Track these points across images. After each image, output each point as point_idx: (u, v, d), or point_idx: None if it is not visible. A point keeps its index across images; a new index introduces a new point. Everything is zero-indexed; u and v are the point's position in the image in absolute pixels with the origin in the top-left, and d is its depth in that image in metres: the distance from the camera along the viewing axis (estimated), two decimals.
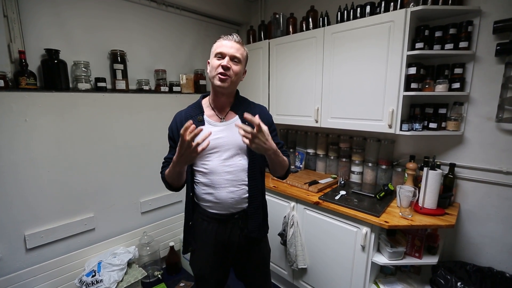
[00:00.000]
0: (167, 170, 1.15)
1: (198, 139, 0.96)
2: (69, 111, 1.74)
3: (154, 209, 2.28)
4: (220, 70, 1.10)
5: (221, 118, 1.20)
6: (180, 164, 1.06)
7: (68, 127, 1.75)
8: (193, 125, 0.94)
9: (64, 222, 1.79)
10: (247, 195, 1.22)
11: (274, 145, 1.07)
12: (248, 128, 0.96)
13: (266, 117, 1.26)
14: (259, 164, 1.24)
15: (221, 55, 1.11)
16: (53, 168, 1.71)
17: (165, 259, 2.31)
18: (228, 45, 1.12)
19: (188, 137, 0.93)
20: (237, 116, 1.21)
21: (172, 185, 1.21)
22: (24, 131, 1.58)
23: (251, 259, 1.31)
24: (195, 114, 1.20)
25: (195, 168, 1.22)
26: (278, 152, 1.12)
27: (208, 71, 1.18)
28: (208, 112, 1.22)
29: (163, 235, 2.31)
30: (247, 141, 0.98)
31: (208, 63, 1.18)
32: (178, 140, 1.13)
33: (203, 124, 1.18)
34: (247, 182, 1.21)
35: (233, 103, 1.24)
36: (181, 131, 0.93)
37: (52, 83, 1.65)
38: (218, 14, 2.53)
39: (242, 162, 1.19)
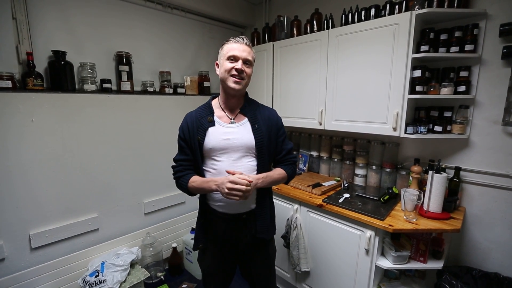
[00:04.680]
0: (193, 182, 1.18)
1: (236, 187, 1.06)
2: (75, 112, 1.76)
3: (158, 210, 2.29)
4: (234, 72, 1.14)
5: (231, 119, 1.22)
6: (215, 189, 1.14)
7: (74, 128, 1.77)
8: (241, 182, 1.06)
9: (68, 222, 1.80)
10: (255, 195, 1.24)
11: (256, 180, 1.15)
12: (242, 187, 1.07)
13: (275, 120, 1.29)
14: (267, 165, 1.26)
15: (234, 58, 1.14)
16: (58, 168, 1.73)
17: (168, 260, 2.31)
18: (240, 48, 1.15)
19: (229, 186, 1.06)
20: (246, 119, 1.24)
21: (193, 194, 1.25)
22: (31, 131, 1.60)
23: (257, 258, 1.33)
24: (205, 115, 1.22)
25: (204, 168, 1.23)
26: (265, 179, 1.19)
27: (218, 72, 1.21)
28: (218, 113, 1.24)
29: (166, 236, 2.31)
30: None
31: (217, 64, 1.22)
32: (189, 140, 1.20)
33: (213, 124, 1.20)
34: None
35: (243, 104, 1.26)
36: (229, 186, 1.06)
37: (58, 84, 1.68)
38: (223, 17, 2.55)
39: (251, 163, 1.21)
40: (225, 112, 1.24)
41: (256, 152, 1.21)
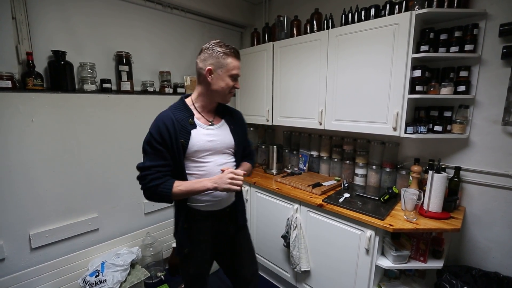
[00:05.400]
0: (178, 186, 1.14)
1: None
2: (75, 112, 1.76)
3: (158, 210, 2.29)
4: (233, 90, 1.23)
5: (210, 121, 1.26)
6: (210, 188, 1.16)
7: (74, 128, 1.77)
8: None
9: (68, 222, 1.80)
10: None
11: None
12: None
13: (243, 120, 1.43)
14: (240, 161, 1.38)
15: (236, 77, 1.21)
16: (58, 168, 1.73)
17: (168, 260, 2.31)
18: (239, 66, 1.22)
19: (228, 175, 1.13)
20: (223, 120, 1.31)
21: (171, 201, 1.20)
22: (31, 131, 1.60)
23: (243, 243, 1.43)
24: (185, 117, 1.19)
25: (188, 172, 1.21)
26: (245, 172, 1.25)
27: (210, 79, 1.17)
28: (196, 115, 1.24)
29: (166, 236, 2.31)
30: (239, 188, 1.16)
31: (210, 70, 1.16)
32: (170, 144, 1.14)
33: (195, 127, 1.20)
34: None
35: (218, 107, 1.32)
36: (230, 176, 1.13)
37: (58, 84, 1.68)
38: (223, 17, 2.55)
39: (231, 161, 1.31)
40: (201, 114, 1.25)
41: (234, 150, 1.32)
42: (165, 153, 1.15)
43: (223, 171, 1.18)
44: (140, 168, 1.17)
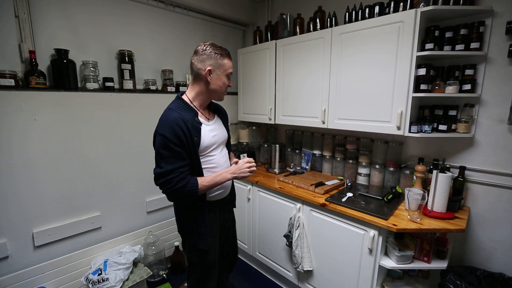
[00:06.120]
0: (202, 182, 1.23)
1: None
2: (77, 110, 1.76)
3: (160, 208, 2.29)
4: (227, 88, 1.34)
5: (208, 118, 1.36)
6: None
7: (76, 126, 1.77)
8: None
9: (71, 220, 1.80)
10: None
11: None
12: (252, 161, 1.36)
13: (227, 114, 1.54)
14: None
15: (230, 76, 1.32)
16: (61, 166, 1.73)
17: (170, 259, 2.31)
18: (232, 66, 1.32)
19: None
20: (216, 115, 1.42)
21: (200, 194, 1.26)
22: (33, 130, 1.60)
23: (232, 221, 1.62)
24: (192, 116, 1.26)
25: (202, 167, 1.30)
26: None
27: (209, 79, 1.26)
28: (198, 113, 1.32)
29: (169, 235, 2.31)
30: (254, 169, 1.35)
31: (210, 70, 1.24)
32: (187, 144, 1.21)
33: (201, 124, 1.28)
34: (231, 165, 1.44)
35: (210, 104, 1.42)
36: (247, 165, 1.31)
37: (61, 82, 1.67)
38: (225, 15, 2.54)
39: (226, 150, 1.46)
40: (200, 112, 1.33)
41: (226, 142, 1.47)
42: (183, 153, 1.20)
43: (236, 163, 1.34)
44: (162, 174, 1.18)
